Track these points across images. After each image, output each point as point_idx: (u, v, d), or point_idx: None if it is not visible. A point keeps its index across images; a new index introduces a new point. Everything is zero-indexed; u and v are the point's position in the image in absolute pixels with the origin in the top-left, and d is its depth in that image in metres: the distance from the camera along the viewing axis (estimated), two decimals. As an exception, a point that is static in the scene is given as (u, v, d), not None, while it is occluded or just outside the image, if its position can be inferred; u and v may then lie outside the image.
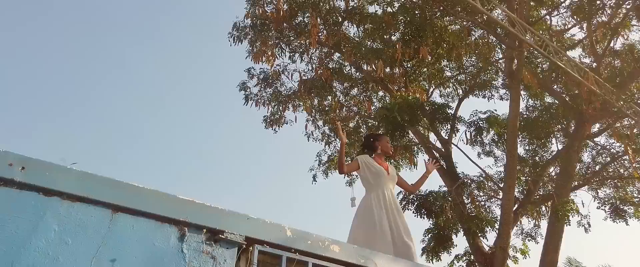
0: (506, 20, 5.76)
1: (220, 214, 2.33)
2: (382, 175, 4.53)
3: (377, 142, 4.83)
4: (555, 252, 9.32)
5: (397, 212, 4.49)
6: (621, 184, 12.48)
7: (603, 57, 10.38)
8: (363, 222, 4.41)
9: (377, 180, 4.50)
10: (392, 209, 4.43)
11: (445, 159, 10.52)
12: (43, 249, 1.85)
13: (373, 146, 4.82)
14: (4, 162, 1.87)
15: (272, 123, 12.04)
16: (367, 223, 4.35)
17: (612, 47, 11.12)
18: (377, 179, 4.50)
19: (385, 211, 4.36)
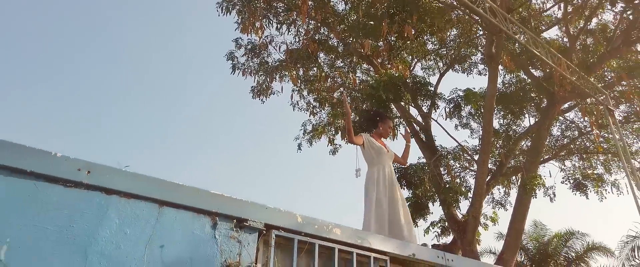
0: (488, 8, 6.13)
1: (244, 205, 2.77)
2: (383, 153, 5.00)
3: (381, 123, 5.24)
4: (522, 221, 10.12)
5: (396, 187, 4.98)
6: (586, 156, 13.37)
7: (577, 38, 10.91)
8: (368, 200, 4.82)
9: (379, 157, 4.95)
10: (391, 184, 4.92)
11: (425, 132, 11.09)
12: (108, 239, 2.25)
13: (376, 124, 5.25)
14: (74, 168, 2.25)
15: (260, 93, 12.31)
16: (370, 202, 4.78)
17: (586, 26, 11.65)
18: (379, 156, 4.95)
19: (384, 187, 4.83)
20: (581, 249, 19.61)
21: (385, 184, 4.86)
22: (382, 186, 4.83)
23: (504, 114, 12.82)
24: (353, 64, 12.67)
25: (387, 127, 5.29)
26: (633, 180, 8.75)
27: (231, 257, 2.64)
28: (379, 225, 4.69)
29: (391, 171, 5.04)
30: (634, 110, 12.31)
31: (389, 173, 4.97)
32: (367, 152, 4.99)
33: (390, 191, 4.86)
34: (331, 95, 12.73)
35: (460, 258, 3.92)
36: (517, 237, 10.06)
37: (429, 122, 11.32)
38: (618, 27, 10.63)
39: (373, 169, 4.91)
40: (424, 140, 11.02)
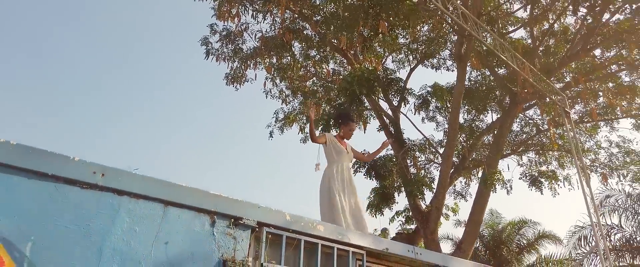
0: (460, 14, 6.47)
1: (240, 205, 3.03)
2: (343, 153, 5.53)
3: (343, 125, 5.80)
4: (481, 213, 10.75)
5: (350, 185, 5.48)
6: (542, 152, 14.17)
7: (541, 41, 11.49)
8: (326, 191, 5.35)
9: (338, 156, 5.49)
10: (346, 181, 5.44)
11: (394, 125, 11.50)
12: (120, 236, 2.48)
13: (339, 126, 5.77)
14: (90, 171, 2.45)
15: (233, 80, 12.37)
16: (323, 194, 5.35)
17: (551, 29, 12.27)
18: (339, 156, 5.49)
19: (341, 183, 5.35)
20: (532, 237, 20.72)
21: (342, 181, 5.37)
22: (338, 182, 5.32)
23: (469, 109, 13.41)
24: (327, 54, 12.88)
25: (348, 130, 5.79)
26: (583, 176, 9.43)
27: (227, 252, 2.91)
28: (332, 217, 5.14)
29: (349, 170, 5.60)
30: (588, 111, 13.10)
31: (347, 171, 5.51)
32: (328, 151, 5.51)
33: (346, 187, 5.37)
34: (304, 84, 12.94)
35: (427, 251, 4.31)
36: (475, 228, 10.70)
37: (398, 116, 11.74)
38: (579, 31, 11.27)
39: (332, 166, 5.41)
40: (392, 133, 11.45)
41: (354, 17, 10.33)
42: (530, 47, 11.74)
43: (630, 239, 16.59)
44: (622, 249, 16.60)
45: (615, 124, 13.85)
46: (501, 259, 20.38)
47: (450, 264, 4.52)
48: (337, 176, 5.37)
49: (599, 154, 13.98)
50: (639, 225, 16.35)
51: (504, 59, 7.05)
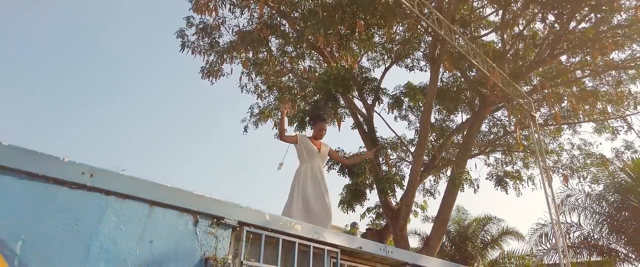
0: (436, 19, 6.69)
1: (222, 205, 3.14)
2: (314, 153, 5.65)
3: (313, 125, 5.95)
4: (449, 211, 11.12)
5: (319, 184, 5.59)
6: (508, 152, 14.69)
7: (512, 45, 11.91)
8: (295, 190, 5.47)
9: (309, 156, 5.62)
10: (318, 180, 5.57)
11: (367, 124, 11.74)
12: (107, 235, 2.56)
13: (311, 126, 5.91)
14: (79, 172, 2.53)
15: (209, 74, 12.33)
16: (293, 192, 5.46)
17: (521, 34, 12.71)
18: (310, 156, 5.62)
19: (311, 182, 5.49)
20: (496, 233, 21.35)
21: (312, 180, 5.51)
22: (309, 181, 5.47)
23: (440, 109, 13.77)
24: (303, 51, 12.97)
25: (319, 129, 5.94)
26: (546, 177, 9.87)
27: (209, 250, 3.02)
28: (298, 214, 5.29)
29: (320, 170, 5.70)
30: (552, 114, 13.64)
31: (317, 171, 5.63)
32: (299, 151, 5.65)
33: (315, 186, 5.50)
34: (280, 79, 13.00)
35: (397, 250, 4.50)
36: (443, 226, 11.06)
37: (372, 114, 11.97)
38: (547, 38, 11.71)
39: (303, 166, 5.57)
40: (366, 131, 11.69)
41: (332, 15, 10.45)
42: (501, 51, 12.13)
43: (588, 236, 17.29)
44: (580, 246, 17.30)
45: (577, 128, 14.47)
46: (466, 255, 20.94)
47: (419, 261, 4.72)
48: (306, 175, 5.51)
49: (561, 155, 14.59)
50: (596, 223, 17.05)
51: (475, 63, 7.33)
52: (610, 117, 13.83)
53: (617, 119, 13.95)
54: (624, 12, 11.96)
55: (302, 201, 5.30)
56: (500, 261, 20.97)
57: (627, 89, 14.06)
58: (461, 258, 20.48)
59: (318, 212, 5.41)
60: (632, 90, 14.02)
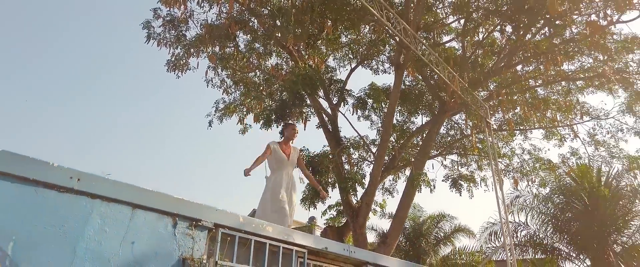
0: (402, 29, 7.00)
1: (199, 208, 3.31)
2: (284, 162, 5.90)
3: (285, 130, 6.18)
4: (406, 210, 11.58)
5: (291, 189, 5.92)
6: (464, 154, 15.34)
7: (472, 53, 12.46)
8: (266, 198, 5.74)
9: (279, 165, 5.88)
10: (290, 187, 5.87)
11: (332, 123, 12.01)
12: (92, 236, 2.70)
13: (282, 133, 6.14)
14: (67, 176, 2.66)
15: (175, 67, 12.24)
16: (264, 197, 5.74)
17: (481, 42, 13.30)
18: (280, 164, 5.88)
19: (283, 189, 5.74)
20: (449, 230, 22.16)
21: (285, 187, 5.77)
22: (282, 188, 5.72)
23: (401, 110, 14.22)
24: (271, 49, 13.06)
25: (291, 131, 6.18)
26: (498, 180, 10.47)
27: (186, 251, 3.20)
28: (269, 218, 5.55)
29: (289, 177, 5.97)
30: (506, 120, 14.36)
31: (288, 178, 5.90)
32: (270, 161, 5.88)
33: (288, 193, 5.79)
34: (246, 75, 13.06)
35: (359, 250, 4.77)
36: (400, 224, 11.52)
37: (336, 114, 12.26)
38: (504, 48, 12.33)
39: (275, 174, 5.83)
40: (330, 130, 11.96)
41: (301, 14, 10.63)
42: (461, 57, 12.66)
43: (534, 235, 18.29)
44: (527, 244, 18.29)
45: (528, 134, 15.29)
46: (419, 251, 21.63)
47: (379, 261, 5.02)
48: (280, 184, 5.75)
49: (512, 159, 15.38)
50: (542, 223, 18.05)
51: (438, 72, 7.72)
52: (559, 125, 14.68)
53: (565, 127, 14.83)
54: (575, 26, 12.74)
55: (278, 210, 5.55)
56: (452, 256, 21.80)
57: (575, 98, 14.97)
58: (415, 254, 21.14)
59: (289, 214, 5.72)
60: (579, 100, 14.95)
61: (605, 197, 16.15)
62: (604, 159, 15.42)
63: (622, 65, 13.51)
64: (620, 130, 14.33)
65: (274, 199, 5.66)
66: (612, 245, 16.21)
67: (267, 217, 5.47)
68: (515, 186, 15.28)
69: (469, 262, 21.44)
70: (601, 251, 15.97)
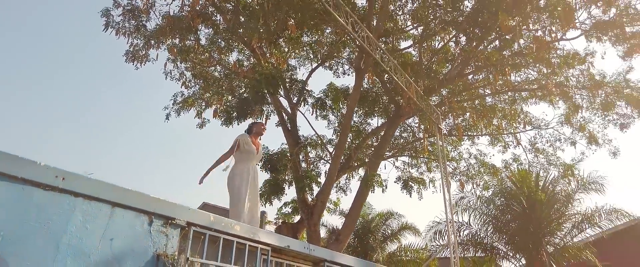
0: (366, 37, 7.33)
1: (173, 207, 3.49)
2: (252, 154, 6.10)
3: (253, 126, 6.35)
4: (359, 209, 12.01)
5: (256, 183, 6.13)
6: (415, 155, 16.00)
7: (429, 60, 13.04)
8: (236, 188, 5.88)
9: (248, 156, 6.06)
10: (252, 181, 6.02)
11: (291, 122, 12.23)
12: (74, 233, 2.84)
13: (251, 129, 6.33)
14: (53, 175, 2.78)
15: (134, 58, 12.05)
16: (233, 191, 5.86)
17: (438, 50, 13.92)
18: (248, 156, 6.06)
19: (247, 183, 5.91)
20: (396, 228, 22.80)
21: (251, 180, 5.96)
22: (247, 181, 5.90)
23: (358, 111, 14.64)
24: (232, 44, 13.09)
25: (260, 127, 6.46)
26: (446, 181, 11.07)
27: (160, 248, 3.37)
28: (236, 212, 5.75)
29: (255, 170, 6.18)
30: (455, 125, 15.11)
31: (253, 172, 6.08)
32: (239, 153, 6.03)
33: (253, 186, 5.98)
34: (206, 69, 13.03)
35: (318, 248, 5.06)
36: (353, 222, 11.93)
37: (296, 113, 12.48)
38: (457, 58, 12.98)
39: (242, 166, 5.98)
40: (289, 129, 12.17)
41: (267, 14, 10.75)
42: (417, 64, 13.21)
43: (476, 235, 19.27)
44: (468, 243, 19.24)
45: (476, 139, 16.14)
46: (367, 247, 22.17)
47: (336, 258, 5.33)
48: (246, 176, 5.92)
49: (460, 163, 16.19)
50: (483, 224, 19.04)
51: (396, 79, 8.12)
52: (504, 133, 15.59)
53: (509, 135, 15.77)
54: (523, 40, 13.57)
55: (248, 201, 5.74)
56: (398, 253, 22.50)
57: (520, 107, 15.93)
58: (363, 250, 21.70)
59: (254, 213, 5.91)
60: (523, 109, 15.92)
61: (542, 201, 17.27)
62: (542, 166, 16.50)
63: (563, 79, 14.53)
64: (558, 140, 15.41)
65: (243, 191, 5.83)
66: (545, 246, 17.36)
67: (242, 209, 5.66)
68: (461, 189, 16.08)
69: (413, 259, 22.20)
70: (535, 251, 17.07)
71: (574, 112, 14.67)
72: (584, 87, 13.99)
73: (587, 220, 17.75)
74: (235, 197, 5.89)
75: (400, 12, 13.20)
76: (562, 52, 14.22)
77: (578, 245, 17.61)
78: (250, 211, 5.93)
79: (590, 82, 13.88)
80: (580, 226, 17.97)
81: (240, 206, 5.83)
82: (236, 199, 5.87)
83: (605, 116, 14.21)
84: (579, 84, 14.18)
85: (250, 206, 5.94)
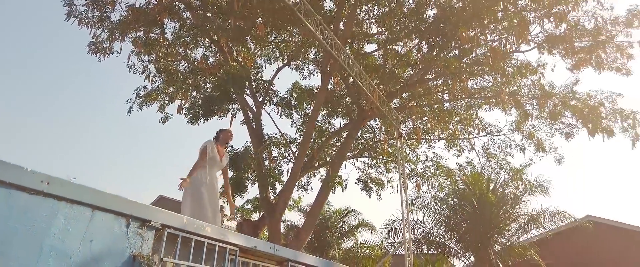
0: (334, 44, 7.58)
1: (149, 209, 3.66)
2: (216, 161, 6.26)
3: (221, 133, 6.51)
4: (320, 208, 12.31)
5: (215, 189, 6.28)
6: (374, 156, 16.47)
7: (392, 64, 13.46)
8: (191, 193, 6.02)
9: (211, 163, 6.22)
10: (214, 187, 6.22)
11: (255, 120, 12.37)
12: (56, 235, 2.98)
13: (218, 136, 6.48)
14: (38, 179, 2.91)
15: (97, 50, 11.81)
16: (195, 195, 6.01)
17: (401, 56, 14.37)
18: (211, 163, 6.22)
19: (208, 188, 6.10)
20: (353, 225, 23.32)
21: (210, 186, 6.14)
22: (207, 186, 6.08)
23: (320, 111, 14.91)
24: (198, 39, 13.01)
25: (228, 135, 6.62)
26: (403, 181, 11.54)
27: (136, 249, 3.54)
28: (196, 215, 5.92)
29: (215, 178, 6.34)
30: (414, 128, 15.66)
31: (213, 179, 6.25)
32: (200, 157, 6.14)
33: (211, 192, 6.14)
34: (171, 64, 12.94)
35: (283, 248, 5.30)
36: (313, 221, 12.22)
37: (260, 112, 12.62)
38: (418, 65, 13.48)
39: (203, 172, 6.13)
40: (254, 127, 12.30)
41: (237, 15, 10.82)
42: (381, 68, 13.61)
43: (429, 233, 20.05)
44: (422, 241, 20.00)
45: (433, 143, 16.79)
46: (324, 243, 22.59)
47: (299, 258, 5.59)
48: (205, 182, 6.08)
49: (417, 164, 16.79)
50: (436, 222, 19.84)
51: (361, 85, 8.45)
52: (459, 138, 16.29)
53: (464, 139, 16.49)
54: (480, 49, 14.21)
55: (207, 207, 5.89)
56: (354, 249, 23.05)
57: (475, 113, 16.67)
58: (320, 246, 22.11)
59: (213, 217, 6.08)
60: (478, 115, 16.68)
61: (492, 203, 18.22)
62: (493, 170, 17.36)
63: (516, 89, 15.32)
64: (509, 146, 16.25)
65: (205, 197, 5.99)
66: (493, 245, 18.32)
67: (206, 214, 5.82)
68: (418, 190, 16.69)
69: (368, 255, 22.80)
70: (484, 250, 17.99)
71: (524, 120, 15.50)
72: (534, 97, 14.80)
73: (533, 221, 18.87)
74: (195, 201, 6.04)
75: (366, 16, 13.55)
76: (516, 62, 14.98)
77: (523, 244, 18.68)
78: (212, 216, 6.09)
79: (541, 92, 14.71)
80: (526, 226, 19.09)
81: (202, 211, 5.99)
82: (197, 205, 6.02)
83: (552, 125, 15.09)
84: (530, 94, 14.98)
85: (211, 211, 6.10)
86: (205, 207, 6.03)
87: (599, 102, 13.85)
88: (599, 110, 13.66)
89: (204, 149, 6.16)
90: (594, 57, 13.80)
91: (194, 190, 6.10)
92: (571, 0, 12.58)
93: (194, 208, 5.97)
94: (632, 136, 13.46)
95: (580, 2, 12.75)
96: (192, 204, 5.99)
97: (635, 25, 13.41)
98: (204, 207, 6.02)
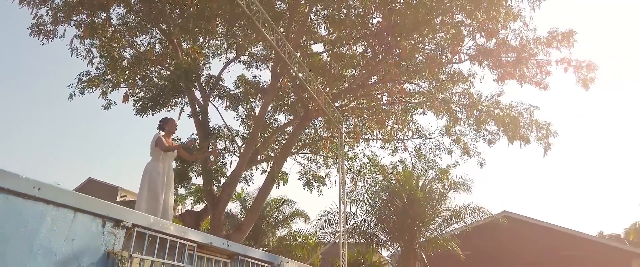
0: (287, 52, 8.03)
1: (122, 211, 4.04)
2: (169, 154, 6.58)
3: (165, 125, 6.74)
4: (262, 202, 12.78)
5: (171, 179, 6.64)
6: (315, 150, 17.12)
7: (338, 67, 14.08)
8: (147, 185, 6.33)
9: (164, 155, 6.50)
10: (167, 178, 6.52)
11: (202, 113, 12.53)
12: (44, 235, 3.33)
13: (163, 128, 6.71)
14: (31, 186, 3.25)
15: (40, 32, 11.45)
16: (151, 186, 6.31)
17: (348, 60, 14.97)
18: (166, 155, 6.52)
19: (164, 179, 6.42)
20: (288, 214, 23.96)
21: (166, 177, 6.46)
22: (162, 177, 6.40)
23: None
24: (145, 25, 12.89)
25: (173, 125, 6.92)
26: (342, 177, 12.28)
27: (110, 246, 3.92)
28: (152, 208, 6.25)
29: (170, 168, 6.66)
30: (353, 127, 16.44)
31: (168, 169, 6.57)
32: (157, 151, 6.44)
33: (167, 183, 6.47)
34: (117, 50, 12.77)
35: (234, 244, 5.80)
36: (255, 214, 12.64)
37: (207, 105, 12.79)
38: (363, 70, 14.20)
39: (157, 163, 6.43)
40: (200, 120, 12.47)
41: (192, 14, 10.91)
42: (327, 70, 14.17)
43: (361, 224, 21.17)
44: (354, 231, 21.08)
45: (370, 142, 17.72)
46: (259, 232, 23.06)
47: (248, 252, 6.12)
48: (161, 172, 6.38)
49: (354, 161, 17.67)
50: (368, 215, 20.99)
51: (309, 89, 9.00)
52: (395, 138, 17.33)
53: (399, 140, 17.55)
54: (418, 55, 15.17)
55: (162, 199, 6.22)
56: (288, 238, 23.75)
57: (410, 115, 17.72)
58: (254, 234, 22.55)
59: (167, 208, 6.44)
60: (413, 117, 17.76)
61: (419, 199, 19.58)
62: (423, 169, 18.62)
63: (448, 95, 16.51)
64: (438, 148, 17.49)
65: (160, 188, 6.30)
66: (418, 237, 19.71)
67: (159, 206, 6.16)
68: (355, 186, 17.58)
69: (302, 244, 23.59)
70: (410, 242, 19.33)
71: (453, 124, 16.74)
72: (463, 104, 16.05)
73: (455, 215, 20.49)
74: (151, 193, 6.32)
75: (315, 17, 14.03)
76: (450, 70, 16.13)
77: (445, 237, 20.23)
78: (165, 207, 6.43)
79: (469, 100, 15.97)
80: (449, 220, 20.70)
81: (157, 203, 6.32)
82: (153, 196, 6.31)
83: (477, 132, 16.45)
84: (460, 101, 16.22)
85: (165, 202, 6.44)
86: (158, 200, 6.34)
87: (518, 113, 15.29)
88: (518, 120, 15.09)
89: (159, 138, 6.42)
90: (517, 71, 15.17)
91: (150, 181, 6.38)
92: (501, 19, 13.78)
93: (149, 199, 6.26)
94: (544, 145, 15.02)
95: (509, 21, 14.00)
96: (148, 194, 6.27)
97: (554, 46, 14.91)
98: (157, 200, 6.33)
